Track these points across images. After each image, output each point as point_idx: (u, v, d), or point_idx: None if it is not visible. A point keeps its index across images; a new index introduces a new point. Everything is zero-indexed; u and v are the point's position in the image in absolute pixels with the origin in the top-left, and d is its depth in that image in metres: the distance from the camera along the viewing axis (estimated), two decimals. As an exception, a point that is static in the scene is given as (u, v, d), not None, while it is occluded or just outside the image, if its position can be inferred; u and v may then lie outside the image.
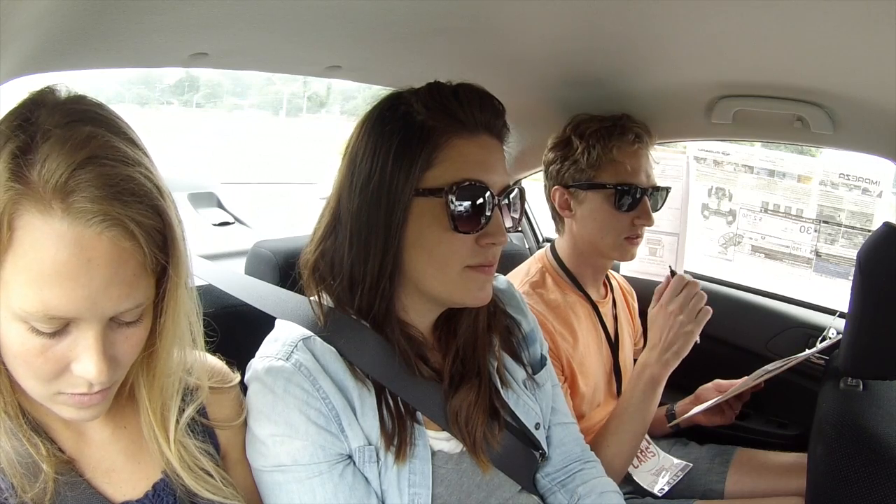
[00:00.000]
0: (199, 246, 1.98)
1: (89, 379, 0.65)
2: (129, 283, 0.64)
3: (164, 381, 0.75)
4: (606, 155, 1.43)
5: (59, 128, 0.61)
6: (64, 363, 0.65)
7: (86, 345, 0.64)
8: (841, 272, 1.89)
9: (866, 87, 1.25)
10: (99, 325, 0.64)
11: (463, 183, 0.89)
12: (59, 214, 0.60)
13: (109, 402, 0.72)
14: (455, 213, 0.89)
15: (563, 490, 1.10)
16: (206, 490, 0.78)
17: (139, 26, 0.95)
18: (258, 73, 1.50)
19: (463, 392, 0.96)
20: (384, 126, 0.92)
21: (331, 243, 0.95)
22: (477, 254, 0.92)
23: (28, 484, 0.68)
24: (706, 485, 1.53)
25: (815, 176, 1.94)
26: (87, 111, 0.65)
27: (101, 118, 0.65)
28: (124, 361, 0.69)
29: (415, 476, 0.91)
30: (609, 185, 1.42)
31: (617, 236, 1.44)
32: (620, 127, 1.44)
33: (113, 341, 0.66)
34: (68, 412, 0.70)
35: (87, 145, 0.61)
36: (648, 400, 1.35)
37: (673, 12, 1.05)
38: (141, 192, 0.63)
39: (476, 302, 0.96)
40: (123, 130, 0.66)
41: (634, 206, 1.43)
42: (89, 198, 0.60)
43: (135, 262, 0.63)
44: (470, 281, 0.93)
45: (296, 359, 0.90)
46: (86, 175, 0.60)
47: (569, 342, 1.41)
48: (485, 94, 0.95)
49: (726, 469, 1.53)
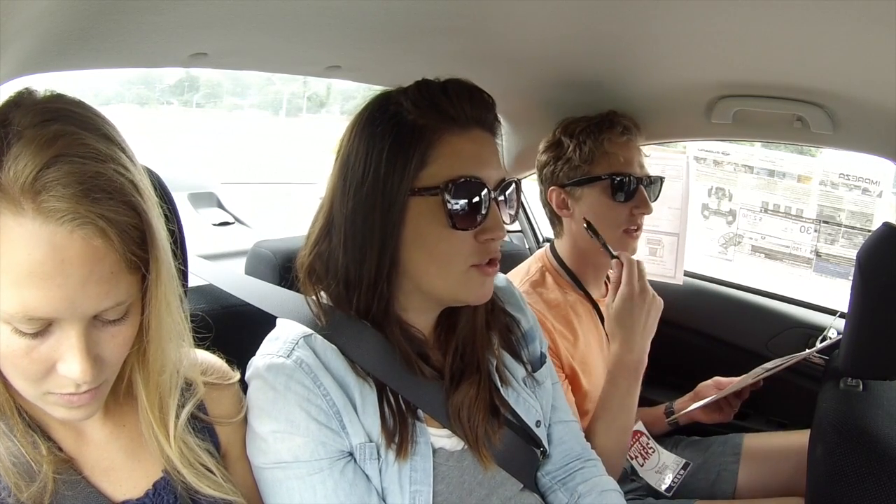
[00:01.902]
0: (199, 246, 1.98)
1: (74, 378, 0.64)
2: (107, 282, 0.63)
3: (158, 378, 0.74)
4: (598, 148, 1.44)
5: (30, 128, 0.61)
6: (49, 363, 0.64)
7: (69, 344, 0.63)
8: (841, 272, 1.89)
9: (866, 87, 1.25)
10: (80, 324, 0.63)
11: (458, 179, 0.89)
12: (31, 214, 0.59)
13: (101, 401, 0.71)
14: (452, 211, 0.89)
15: (563, 488, 1.10)
16: (208, 487, 0.78)
17: (139, 26, 0.95)
18: (258, 73, 1.50)
19: (464, 388, 0.96)
20: (375, 127, 0.92)
21: (326, 246, 0.95)
22: (478, 251, 0.92)
23: (26, 483, 0.67)
24: (721, 467, 1.54)
25: (815, 176, 1.94)
26: (60, 109, 0.64)
27: (74, 116, 0.64)
28: (111, 360, 0.69)
29: (416, 473, 0.91)
30: (604, 176, 1.43)
31: (616, 229, 1.44)
32: (608, 121, 1.47)
33: (97, 340, 0.66)
34: (59, 412, 0.69)
35: (54, 143, 0.60)
36: (633, 390, 1.33)
37: (672, 12, 1.05)
38: (112, 188, 0.62)
39: (478, 300, 0.96)
40: (98, 127, 0.65)
41: (631, 196, 1.44)
42: (58, 196, 0.59)
43: (110, 259, 0.62)
44: (472, 279, 0.93)
45: (297, 356, 0.90)
46: (54, 173, 0.59)
47: (569, 341, 1.40)
48: (474, 88, 0.95)
49: (739, 451, 1.55)
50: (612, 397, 1.32)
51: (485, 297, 0.96)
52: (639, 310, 1.31)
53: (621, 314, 1.31)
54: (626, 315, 1.31)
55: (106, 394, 0.72)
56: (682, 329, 1.93)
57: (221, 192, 4.15)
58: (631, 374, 1.32)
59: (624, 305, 1.30)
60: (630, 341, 1.31)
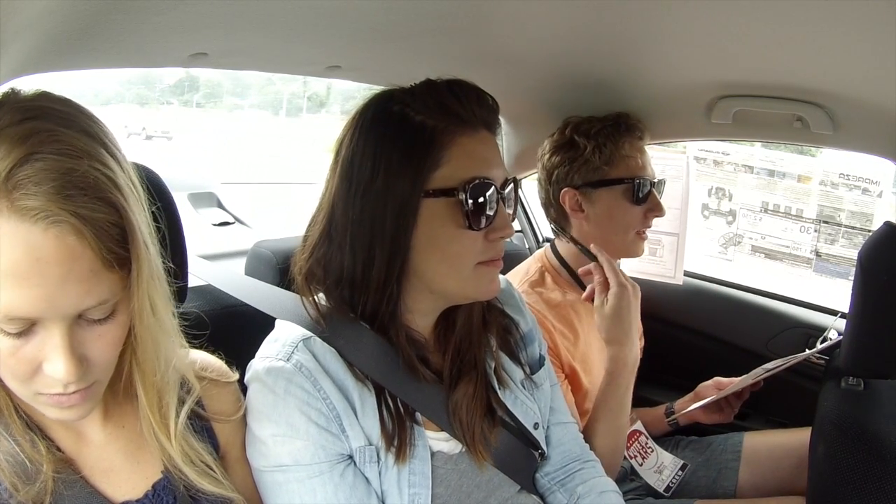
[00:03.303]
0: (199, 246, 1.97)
1: (59, 378, 0.64)
2: (86, 280, 0.61)
3: (153, 378, 0.73)
4: (618, 151, 1.45)
5: (8, 126, 0.60)
6: (35, 363, 0.64)
7: (52, 344, 0.63)
8: (841, 272, 1.89)
9: (866, 87, 1.25)
10: (63, 323, 0.62)
11: (474, 180, 0.89)
12: (6, 213, 0.58)
13: (94, 402, 0.71)
14: (468, 211, 0.89)
15: (562, 489, 1.10)
16: (209, 484, 0.78)
17: (139, 26, 0.95)
18: (258, 73, 1.50)
19: (462, 387, 0.97)
20: (381, 128, 0.91)
21: (326, 250, 0.94)
22: (486, 249, 0.93)
23: (25, 484, 0.67)
24: (722, 464, 1.54)
25: (815, 176, 1.94)
26: (40, 107, 0.63)
27: (54, 113, 0.63)
28: (100, 360, 0.67)
29: (414, 476, 0.91)
30: (627, 179, 1.45)
31: (630, 231, 1.47)
32: (626, 124, 1.48)
33: (83, 340, 0.65)
34: (51, 412, 0.69)
35: (27, 141, 0.59)
36: (631, 387, 1.34)
37: (673, 12, 1.05)
38: (87, 184, 0.60)
39: (487, 295, 0.97)
40: (78, 123, 0.64)
41: (647, 199, 1.46)
42: (30, 194, 0.58)
43: (88, 258, 0.61)
44: (481, 276, 0.94)
45: (296, 359, 0.90)
46: (27, 171, 0.59)
47: (569, 340, 1.41)
48: (480, 90, 0.95)
49: (739, 448, 1.55)
50: (612, 397, 1.33)
51: (494, 292, 0.97)
52: (633, 304, 1.33)
53: (619, 312, 1.31)
54: (624, 312, 1.32)
55: (99, 394, 0.71)
56: (682, 329, 1.94)
57: (221, 192, 4.15)
58: (630, 371, 1.33)
59: (620, 303, 1.31)
60: (628, 338, 1.33)
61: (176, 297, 0.78)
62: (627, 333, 1.32)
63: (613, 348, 1.32)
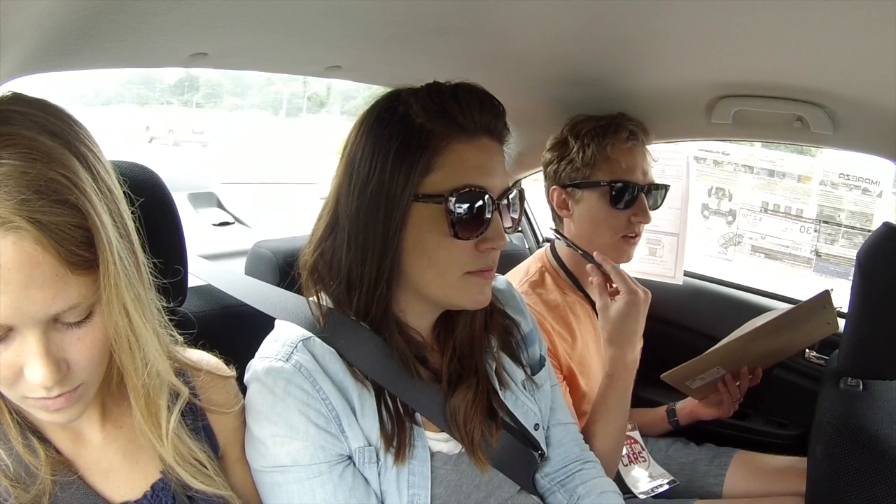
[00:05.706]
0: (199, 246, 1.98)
1: (38, 383, 0.63)
2: (52, 285, 0.60)
3: (136, 378, 0.71)
4: (601, 153, 1.43)
5: None
6: (16, 368, 0.63)
7: (28, 349, 0.62)
8: (841, 272, 1.89)
9: (866, 87, 1.25)
10: (37, 329, 0.62)
11: (463, 189, 0.88)
12: None
13: (84, 404, 0.70)
14: (455, 220, 0.88)
15: (562, 490, 1.10)
16: (202, 483, 0.78)
17: (139, 26, 0.95)
18: (258, 73, 1.50)
19: (461, 391, 0.96)
20: (382, 128, 0.91)
21: (329, 244, 0.94)
22: (477, 259, 0.92)
23: (23, 486, 0.67)
24: (704, 487, 1.53)
25: (815, 176, 1.94)
26: (3, 111, 0.61)
27: (18, 116, 0.62)
28: (82, 363, 0.66)
29: (414, 477, 0.91)
30: (604, 182, 1.43)
31: (613, 234, 1.44)
32: (615, 125, 1.45)
33: (61, 344, 0.64)
34: (41, 415, 0.69)
35: None
36: (630, 389, 1.33)
37: (672, 12, 1.05)
38: (43, 188, 0.58)
39: (475, 305, 0.96)
40: (43, 125, 0.62)
41: (631, 204, 1.43)
42: None
43: (49, 262, 0.59)
44: (470, 285, 0.93)
45: (296, 360, 0.90)
46: None
47: (567, 342, 1.40)
48: (485, 94, 0.94)
49: (724, 472, 1.53)
50: (611, 399, 1.32)
51: (483, 302, 0.96)
52: (642, 311, 1.31)
53: (627, 318, 1.29)
54: (632, 318, 1.29)
55: (89, 396, 0.71)
56: (682, 329, 1.93)
57: (221, 192, 4.16)
58: (630, 374, 1.33)
59: (629, 309, 1.29)
60: (632, 342, 1.31)
61: (176, 297, 0.77)
62: (630, 338, 1.31)
63: (614, 350, 1.31)
